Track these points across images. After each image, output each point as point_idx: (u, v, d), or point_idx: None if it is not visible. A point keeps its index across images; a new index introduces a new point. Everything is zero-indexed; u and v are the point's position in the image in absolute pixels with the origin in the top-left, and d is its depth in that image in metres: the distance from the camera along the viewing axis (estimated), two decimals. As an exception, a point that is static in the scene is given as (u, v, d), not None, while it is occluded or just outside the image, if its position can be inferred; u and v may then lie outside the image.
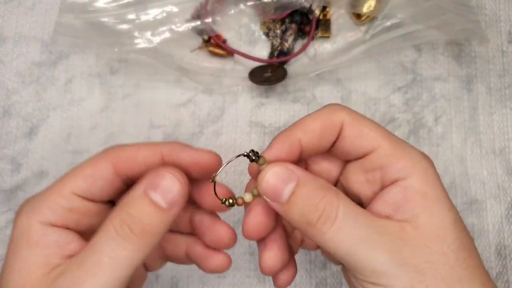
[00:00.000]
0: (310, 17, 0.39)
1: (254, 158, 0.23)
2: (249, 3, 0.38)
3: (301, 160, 0.25)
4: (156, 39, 0.37)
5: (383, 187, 0.24)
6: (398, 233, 0.22)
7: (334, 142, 0.24)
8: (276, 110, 0.38)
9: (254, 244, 0.36)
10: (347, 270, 0.24)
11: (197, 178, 0.25)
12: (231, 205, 0.24)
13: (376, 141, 0.23)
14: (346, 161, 0.26)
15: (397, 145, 0.23)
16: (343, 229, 0.21)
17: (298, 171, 0.23)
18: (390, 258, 0.21)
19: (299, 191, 0.22)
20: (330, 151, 0.25)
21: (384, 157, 0.23)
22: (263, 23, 0.40)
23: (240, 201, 0.24)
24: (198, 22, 0.38)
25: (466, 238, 0.22)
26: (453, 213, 0.22)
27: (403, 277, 0.21)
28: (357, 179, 0.25)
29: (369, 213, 0.22)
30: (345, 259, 0.22)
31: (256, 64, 0.38)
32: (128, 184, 0.24)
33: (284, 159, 0.24)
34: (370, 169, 0.24)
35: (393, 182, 0.23)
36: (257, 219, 0.24)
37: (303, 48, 0.38)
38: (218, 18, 0.39)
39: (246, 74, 0.38)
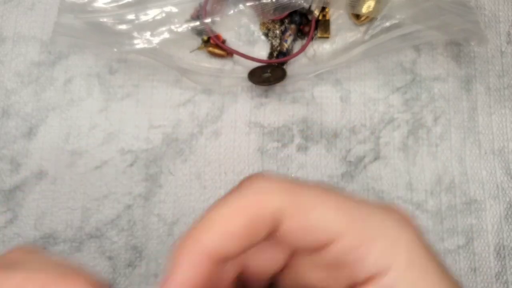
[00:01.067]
0: (310, 17, 0.39)
1: None
2: (249, 4, 0.38)
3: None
4: (156, 40, 0.37)
5: (355, 285, 0.17)
6: None
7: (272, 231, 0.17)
8: (276, 110, 0.38)
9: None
10: None
11: None
12: None
13: (334, 229, 0.17)
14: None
15: (364, 225, 0.17)
16: None
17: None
18: None
19: None
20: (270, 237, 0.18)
21: (349, 250, 0.17)
22: (263, 24, 0.40)
23: None
24: (198, 23, 0.38)
25: None
26: None
27: None
28: (315, 275, 0.19)
29: None
30: None
31: (256, 64, 0.38)
32: None
33: (195, 281, 0.16)
34: (332, 265, 0.18)
35: (369, 280, 0.17)
36: None
37: (303, 49, 0.39)
38: (217, 19, 0.39)
39: (245, 75, 0.38)
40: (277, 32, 0.39)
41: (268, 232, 0.17)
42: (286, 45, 0.39)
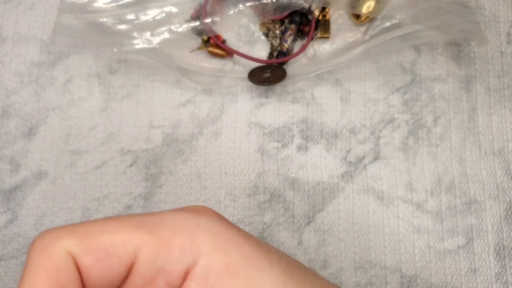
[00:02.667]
0: (310, 17, 0.39)
1: None
2: (249, 4, 0.38)
3: None
4: (156, 40, 0.37)
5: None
6: None
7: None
8: (276, 110, 0.38)
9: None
10: None
11: None
12: None
13: (129, 248, 0.16)
14: None
15: (157, 230, 0.17)
16: None
17: None
18: None
19: None
20: None
21: (153, 257, 0.17)
22: (263, 24, 0.40)
23: None
24: (198, 23, 0.38)
25: None
26: (275, 271, 0.17)
27: None
28: None
29: None
30: None
31: (256, 64, 0.38)
32: None
33: None
34: (149, 280, 0.17)
35: (186, 276, 0.17)
36: None
37: (303, 49, 0.39)
38: (217, 19, 0.39)
39: (245, 75, 0.38)
40: (277, 32, 0.39)
41: (76, 280, 0.16)
42: (286, 45, 0.39)
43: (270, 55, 0.39)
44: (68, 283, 0.16)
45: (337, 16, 0.40)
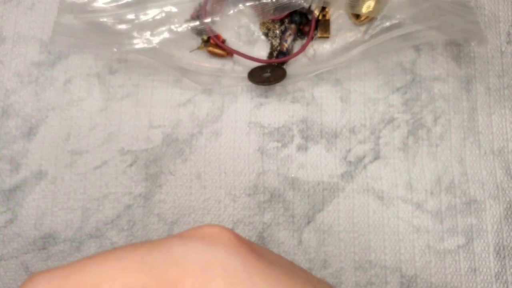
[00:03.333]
0: (309, 17, 0.39)
1: None
2: (248, 4, 0.38)
3: None
4: (155, 39, 0.37)
5: None
6: None
7: None
8: (276, 110, 0.38)
9: (253, 244, 0.36)
10: None
11: None
12: None
13: None
14: None
15: (163, 269, 0.15)
16: None
17: None
18: None
19: None
20: None
21: None
22: (263, 24, 0.40)
23: None
24: (197, 23, 0.38)
25: None
26: None
27: None
28: None
29: None
30: None
31: (256, 64, 0.38)
32: None
33: None
34: None
35: None
36: None
37: (302, 49, 0.39)
38: (217, 19, 0.39)
39: (245, 74, 0.38)
40: (277, 32, 0.39)
41: None
42: (286, 45, 0.39)
43: (270, 55, 0.39)
44: None
45: (337, 16, 0.40)
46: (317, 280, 0.18)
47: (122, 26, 0.37)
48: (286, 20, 0.39)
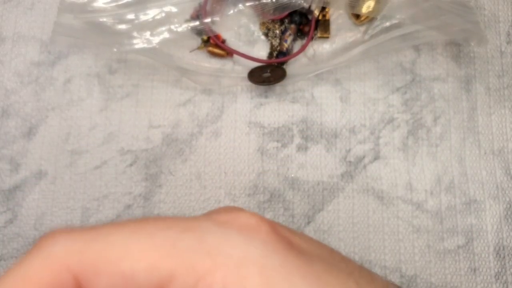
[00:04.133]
0: (309, 17, 0.39)
1: None
2: (248, 4, 0.38)
3: None
4: (155, 39, 0.37)
5: None
6: None
7: None
8: (275, 110, 0.38)
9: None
10: None
11: None
12: None
13: (159, 275, 0.14)
14: None
15: (196, 256, 0.14)
16: None
17: None
18: None
19: None
20: None
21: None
22: (262, 24, 0.40)
23: None
24: (197, 23, 0.38)
25: None
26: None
27: None
28: None
29: None
30: None
31: (255, 64, 0.38)
32: None
33: None
34: None
35: None
36: None
37: (302, 49, 0.38)
38: (217, 19, 0.39)
39: (245, 75, 0.38)
40: (277, 32, 0.39)
41: None
42: (286, 45, 0.39)
43: (270, 55, 0.39)
44: None
45: (337, 16, 0.40)
46: (358, 269, 0.17)
47: (122, 26, 0.37)
48: (286, 20, 0.39)
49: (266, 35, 0.40)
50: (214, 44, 0.39)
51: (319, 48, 0.40)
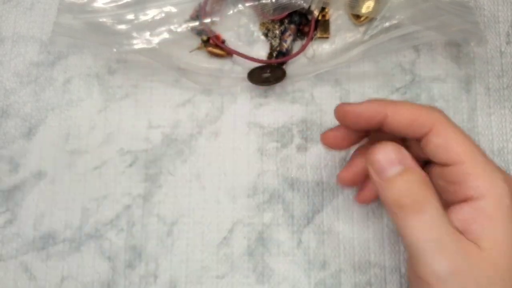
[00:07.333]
0: (309, 17, 0.39)
1: None
2: (248, 4, 0.38)
3: (382, 132, 0.28)
4: (155, 40, 0.37)
5: (454, 201, 0.25)
6: (465, 249, 0.23)
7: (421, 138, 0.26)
8: (275, 110, 0.38)
9: (253, 244, 0.36)
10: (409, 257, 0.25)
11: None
12: None
13: (460, 157, 0.25)
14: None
15: (479, 164, 0.25)
16: (423, 223, 0.23)
17: (410, 158, 0.25)
18: (449, 267, 0.22)
19: (406, 176, 0.24)
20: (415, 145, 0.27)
21: (463, 174, 0.24)
22: (262, 24, 0.40)
23: None
24: (197, 23, 0.38)
25: None
26: None
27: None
28: (439, 183, 0.26)
29: (449, 221, 0.24)
30: (410, 248, 0.24)
31: (255, 64, 0.38)
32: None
33: (364, 118, 0.27)
34: (447, 179, 0.25)
35: (466, 199, 0.24)
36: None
37: (302, 49, 0.39)
38: (217, 19, 0.39)
39: (244, 75, 0.38)
40: (277, 32, 0.39)
41: (420, 135, 0.26)
42: (285, 45, 0.39)
43: (270, 55, 0.39)
44: (415, 130, 0.26)
45: (337, 16, 0.40)
46: None
47: (122, 26, 0.37)
48: (286, 21, 0.39)
49: (266, 35, 0.40)
50: (213, 44, 0.39)
51: (319, 48, 0.40)
